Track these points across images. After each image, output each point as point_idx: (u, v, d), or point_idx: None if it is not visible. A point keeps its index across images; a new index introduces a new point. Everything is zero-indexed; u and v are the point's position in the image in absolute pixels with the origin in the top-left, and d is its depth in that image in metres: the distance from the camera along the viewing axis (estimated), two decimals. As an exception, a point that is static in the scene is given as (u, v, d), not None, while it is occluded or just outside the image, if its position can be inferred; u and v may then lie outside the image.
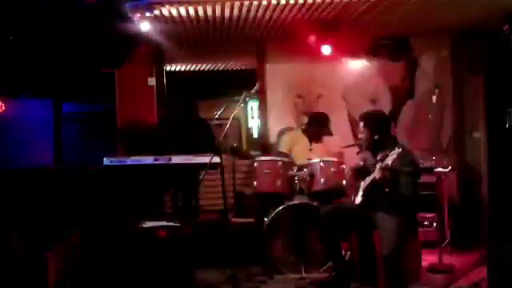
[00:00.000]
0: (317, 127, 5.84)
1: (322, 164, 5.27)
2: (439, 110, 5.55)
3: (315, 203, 5.13)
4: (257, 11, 5.25)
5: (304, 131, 5.99)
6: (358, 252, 4.74)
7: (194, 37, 6.32)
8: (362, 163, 4.74)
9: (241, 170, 6.05)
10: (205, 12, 5.19)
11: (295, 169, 5.41)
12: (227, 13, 5.25)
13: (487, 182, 6.17)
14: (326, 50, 6.03)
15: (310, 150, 5.85)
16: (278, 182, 5.27)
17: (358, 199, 4.57)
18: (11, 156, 7.39)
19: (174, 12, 5.14)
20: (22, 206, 5.73)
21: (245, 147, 9.86)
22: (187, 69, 8.68)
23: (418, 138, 6.37)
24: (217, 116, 5.12)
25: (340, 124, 6.46)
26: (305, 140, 5.90)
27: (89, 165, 6.10)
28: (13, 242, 4.45)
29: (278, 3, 5.01)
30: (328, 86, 6.67)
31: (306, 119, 6.23)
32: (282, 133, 6.45)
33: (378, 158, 4.35)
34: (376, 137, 4.48)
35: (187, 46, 6.81)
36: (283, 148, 5.92)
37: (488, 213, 6.14)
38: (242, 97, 5.07)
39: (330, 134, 5.86)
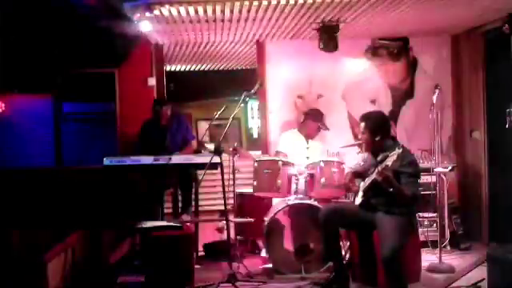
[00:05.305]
0: (313, 121, 5.86)
1: (322, 164, 5.28)
2: (439, 110, 5.54)
3: (315, 203, 5.14)
4: (257, 11, 5.25)
5: (300, 129, 5.99)
6: (358, 252, 4.75)
7: (194, 37, 6.32)
8: (362, 163, 4.74)
9: (241, 170, 6.05)
10: (205, 12, 5.19)
11: (295, 169, 5.41)
12: (227, 13, 5.25)
13: (487, 182, 6.16)
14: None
15: (307, 148, 5.87)
16: (278, 182, 5.27)
17: (358, 199, 4.57)
18: (11, 155, 7.39)
19: (174, 12, 5.14)
20: (22, 206, 5.73)
21: (245, 147, 9.86)
22: (187, 69, 8.69)
23: (418, 138, 6.37)
24: (217, 116, 5.12)
25: (340, 124, 6.46)
26: (301, 138, 5.92)
27: (89, 165, 6.10)
28: (13, 243, 4.45)
29: (278, 3, 5.00)
30: (328, 86, 6.67)
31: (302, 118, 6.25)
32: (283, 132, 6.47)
33: (379, 158, 4.35)
34: (376, 138, 4.48)
35: (187, 46, 6.82)
36: (281, 147, 5.94)
37: (488, 213, 6.14)
38: (242, 97, 5.07)
39: (326, 128, 5.89)
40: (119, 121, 6.66)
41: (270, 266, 5.15)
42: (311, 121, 5.90)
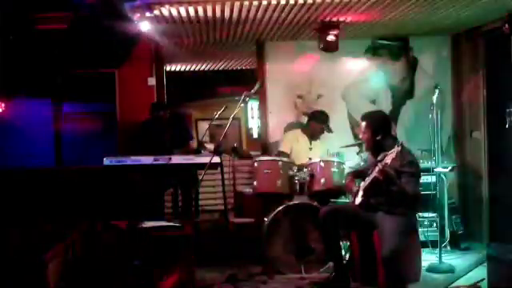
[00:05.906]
0: (318, 123, 5.86)
1: (322, 164, 5.28)
2: (439, 110, 5.54)
3: (315, 203, 5.13)
4: (257, 11, 5.25)
5: (304, 129, 6.00)
6: (358, 252, 4.74)
7: (194, 37, 6.32)
8: (362, 164, 4.74)
9: (241, 170, 6.05)
10: (205, 12, 5.19)
11: (295, 169, 5.41)
12: (227, 13, 5.25)
13: (487, 182, 6.16)
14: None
15: (310, 148, 5.87)
16: (278, 182, 5.27)
17: (358, 199, 4.56)
18: (11, 156, 7.40)
19: (174, 12, 5.14)
20: (22, 206, 5.73)
21: (245, 147, 9.86)
22: (187, 69, 8.69)
23: (418, 138, 6.36)
24: (217, 116, 5.12)
25: (340, 124, 6.46)
26: (305, 139, 5.92)
27: (89, 165, 6.10)
28: (12, 242, 4.46)
29: (278, 3, 5.00)
30: (328, 86, 6.67)
31: (306, 119, 6.25)
32: (285, 131, 6.48)
33: (379, 158, 4.35)
34: (378, 137, 4.48)
35: (187, 46, 6.82)
36: (284, 147, 5.94)
37: (488, 213, 6.14)
38: (242, 97, 5.07)
39: (329, 131, 5.88)
40: (119, 121, 6.66)
41: (270, 266, 5.15)
42: (315, 122, 5.90)
